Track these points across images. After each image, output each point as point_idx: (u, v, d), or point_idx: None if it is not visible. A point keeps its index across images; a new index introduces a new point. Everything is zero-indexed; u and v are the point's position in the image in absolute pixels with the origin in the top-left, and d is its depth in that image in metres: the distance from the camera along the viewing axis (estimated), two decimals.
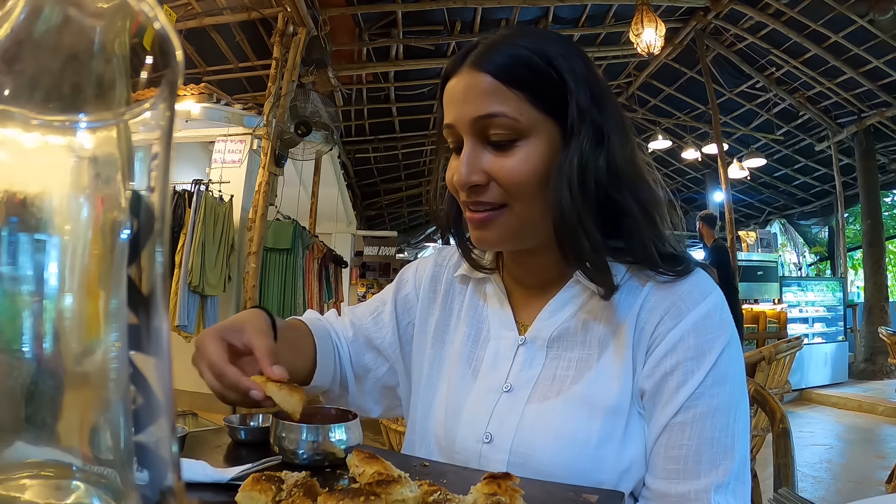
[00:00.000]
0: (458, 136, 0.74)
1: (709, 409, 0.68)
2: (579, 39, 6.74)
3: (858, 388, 6.61)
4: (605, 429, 0.70)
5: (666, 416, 0.69)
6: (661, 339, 0.71)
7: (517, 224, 0.73)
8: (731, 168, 7.76)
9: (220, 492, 0.63)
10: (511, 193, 0.71)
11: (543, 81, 0.71)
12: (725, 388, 0.69)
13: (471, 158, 0.71)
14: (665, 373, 0.70)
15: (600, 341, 0.75)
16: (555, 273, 0.80)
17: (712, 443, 0.68)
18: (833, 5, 5.74)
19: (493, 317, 0.84)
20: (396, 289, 0.95)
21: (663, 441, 0.69)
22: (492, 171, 0.71)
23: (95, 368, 0.23)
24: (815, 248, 11.52)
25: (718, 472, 0.67)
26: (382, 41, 6.12)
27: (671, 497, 0.68)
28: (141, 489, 0.23)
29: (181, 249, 4.48)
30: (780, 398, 3.24)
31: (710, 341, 0.70)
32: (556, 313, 0.78)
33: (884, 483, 2.43)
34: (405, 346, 0.92)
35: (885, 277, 7.51)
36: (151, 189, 0.24)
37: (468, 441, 0.77)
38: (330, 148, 5.70)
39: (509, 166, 0.70)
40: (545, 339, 0.78)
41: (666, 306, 0.72)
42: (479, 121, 0.70)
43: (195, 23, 5.10)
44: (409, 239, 12.97)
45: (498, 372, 0.79)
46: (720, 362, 0.69)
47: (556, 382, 0.75)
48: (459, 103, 0.72)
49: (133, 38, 0.23)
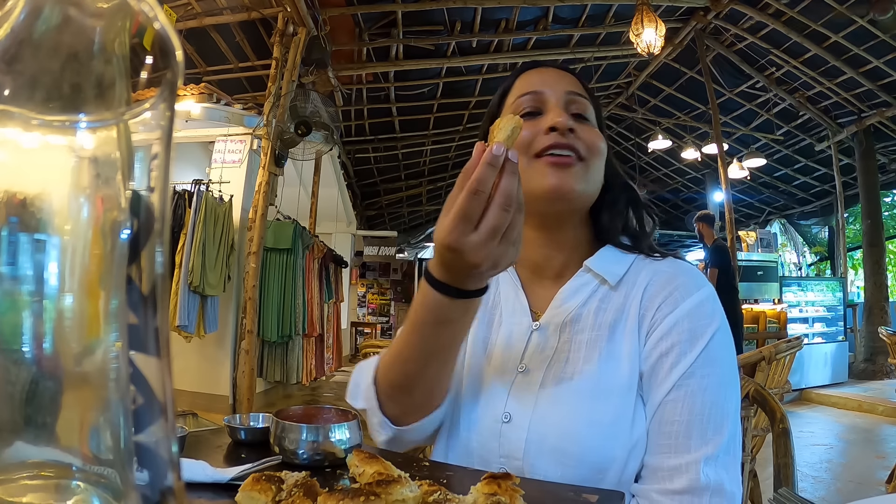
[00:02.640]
0: (541, 102, 0.84)
1: (699, 387, 0.72)
2: (579, 39, 6.75)
3: (858, 388, 6.61)
4: (618, 407, 0.74)
5: (661, 395, 0.73)
6: (658, 323, 0.77)
7: (588, 185, 0.82)
8: (731, 168, 7.75)
9: (220, 492, 0.63)
10: (591, 151, 0.82)
11: (598, 108, 0.89)
12: (716, 370, 0.74)
13: (564, 113, 0.82)
14: (660, 354, 0.75)
15: (610, 325, 0.79)
16: (568, 259, 0.86)
17: (703, 419, 0.71)
18: (833, 5, 5.74)
19: (505, 304, 0.88)
20: None
21: (657, 418, 0.73)
22: (576, 128, 0.81)
23: (95, 368, 0.23)
24: (815, 248, 11.52)
25: (709, 446, 0.70)
26: (382, 41, 6.12)
27: (664, 470, 0.71)
28: (141, 489, 0.23)
29: (181, 249, 4.47)
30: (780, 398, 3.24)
31: (703, 327, 0.75)
32: (567, 300, 0.83)
33: (884, 483, 2.43)
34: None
35: (885, 277, 7.51)
36: (151, 189, 0.24)
37: (487, 421, 0.79)
38: (330, 148, 5.71)
39: (588, 131, 0.83)
40: (558, 324, 0.82)
41: (664, 295, 0.78)
42: (571, 94, 0.84)
43: (195, 23, 5.10)
44: (409, 239, 12.97)
45: (512, 353, 0.82)
46: (711, 345, 0.74)
47: (570, 364, 0.78)
48: (552, 80, 0.86)
49: (133, 38, 0.23)
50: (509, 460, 0.75)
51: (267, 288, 5.17)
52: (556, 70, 0.89)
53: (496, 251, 0.63)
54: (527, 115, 0.83)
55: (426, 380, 0.77)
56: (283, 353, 5.43)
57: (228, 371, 4.90)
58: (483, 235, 0.62)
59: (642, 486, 0.72)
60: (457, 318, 0.71)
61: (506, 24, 6.29)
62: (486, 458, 0.77)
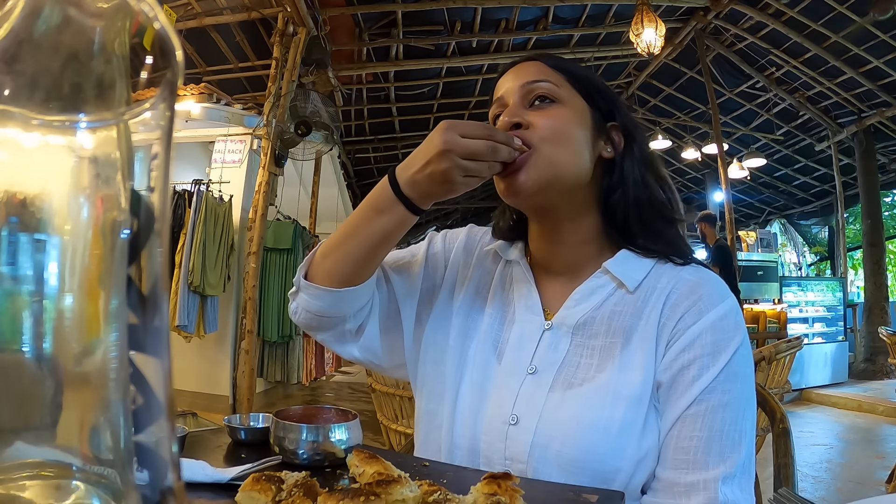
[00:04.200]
0: (503, 105, 0.83)
1: (720, 403, 0.71)
2: (579, 39, 6.75)
3: (858, 388, 6.60)
4: (627, 417, 0.72)
5: (680, 408, 0.72)
6: (680, 334, 0.75)
7: (547, 170, 0.77)
8: (731, 168, 7.75)
9: (220, 492, 0.63)
10: (543, 137, 0.78)
11: (584, 79, 0.84)
12: (737, 385, 0.72)
13: (514, 108, 0.80)
14: (682, 366, 0.73)
15: (625, 332, 0.77)
16: (580, 257, 0.84)
17: (722, 435, 0.70)
18: (833, 5, 5.74)
19: (518, 301, 0.86)
20: (428, 244, 0.96)
21: (675, 432, 0.72)
22: (531, 120, 0.79)
23: (95, 368, 0.23)
24: (815, 248, 11.53)
25: (727, 464, 0.69)
26: (382, 41, 6.12)
27: (680, 486, 0.69)
28: (141, 489, 0.23)
29: (181, 249, 4.47)
30: (780, 398, 3.25)
31: (727, 340, 0.74)
32: (582, 301, 0.81)
33: (884, 483, 2.43)
34: (422, 306, 0.91)
35: (885, 277, 7.50)
36: (151, 189, 0.24)
37: (495, 422, 0.78)
38: (330, 148, 5.71)
39: (547, 116, 0.79)
40: (571, 325, 0.80)
41: (687, 304, 0.76)
42: (525, 86, 0.81)
43: (195, 23, 5.10)
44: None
45: (523, 354, 0.81)
46: (734, 360, 0.73)
47: (581, 369, 0.77)
48: (510, 80, 0.83)
49: (133, 38, 0.23)
50: (514, 463, 0.74)
51: (267, 288, 5.17)
52: (521, 65, 0.85)
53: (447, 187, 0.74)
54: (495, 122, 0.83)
55: (345, 253, 0.81)
56: (284, 353, 5.43)
57: (228, 371, 4.89)
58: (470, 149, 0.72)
59: (655, 499, 0.71)
60: (392, 212, 0.78)
61: (506, 24, 6.28)
62: (491, 458, 0.77)
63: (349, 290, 0.81)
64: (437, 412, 0.84)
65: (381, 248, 0.81)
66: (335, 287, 0.81)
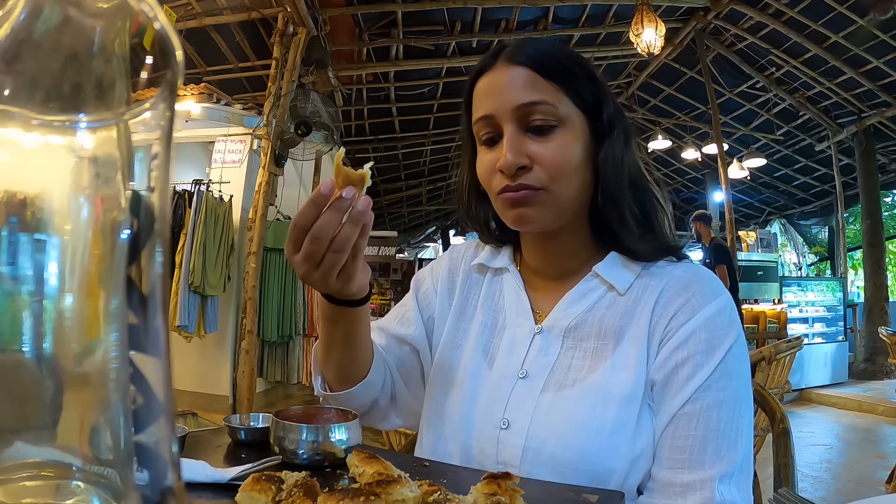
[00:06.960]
0: (495, 126, 0.77)
1: (715, 402, 0.70)
2: (579, 39, 6.74)
3: (858, 388, 6.60)
4: (620, 417, 0.72)
5: (674, 407, 0.71)
6: (673, 332, 0.74)
7: (555, 205, 0.76)
8: (731, 168, 7.75)
9: (220, 492, 0.63)
10: (552, 176, 0.75)
11: (574, 76, 0.77)
12: (732, 383, 0.71)
13: (515, 143, 0.75)
14: (676, 365, 0.72)
15: (616, 332, 0.77)
16: (573, 264, 0.83)
17: (718, 434, 0.69)
18: (833, 5, 5.74)
19: (509, 306, 0.86)
20: (415, 289, 0.98)
21: (670, 431, 0.71)
22: (535, 155, 0.74)
23: (95, 368, 0.23)
24: (815, 248, 11.52)
25: (723, 463, 0.68)
26: (382, 41, 6.12)
27: (676, 486, 0.69)
28: (141, 489, 0.23)
29: (181, 249, 4.48)
30: (780, 398, 3.25)
31: (721, 337, 0.73)
32: (573, 304, 0.81)
33: (884, 483, 2.43)
34: (431, 337, 0.94)
35: (885, 277, 7.50)
36: (151, 189, 0.24)
37: (486, 427, 0.78)
38: (330, 148, 5.70)
39: (552, 151, 0.75)
40: (562, 328, 0.80)
41: (680, 302, 0.75)
42: (522, 108, 0.74)
43: (195, 23, 5.09)
44: (409, 239, 12.96)
45: (513, 359, 0.81)
46: (728, 357, 0.72)
47: (572, 371, 0.76)
48: (499, 94, 0.76)
49: (133, 38, 0.23)
50: (506, 467, 0.74)
51: (267, 288, 5.16)
52: (504, 76, 0.76)
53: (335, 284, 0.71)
54: (486, 142, 0.79)
55: (335, 361, 0.83)
56: (284, 353, 5.43)
57: (228, 371, 4.89)
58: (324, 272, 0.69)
59: (651, 499, 0.71)
60: (341, 318, 0.78)
61: (506, 24, 6.28)
62: (484, 463, 0.77)
63: (362, 383, 0.84)
64: (433, 423, 0.86)
65: (358, 344, 0.82)
66: (350, 388, 0.84)
